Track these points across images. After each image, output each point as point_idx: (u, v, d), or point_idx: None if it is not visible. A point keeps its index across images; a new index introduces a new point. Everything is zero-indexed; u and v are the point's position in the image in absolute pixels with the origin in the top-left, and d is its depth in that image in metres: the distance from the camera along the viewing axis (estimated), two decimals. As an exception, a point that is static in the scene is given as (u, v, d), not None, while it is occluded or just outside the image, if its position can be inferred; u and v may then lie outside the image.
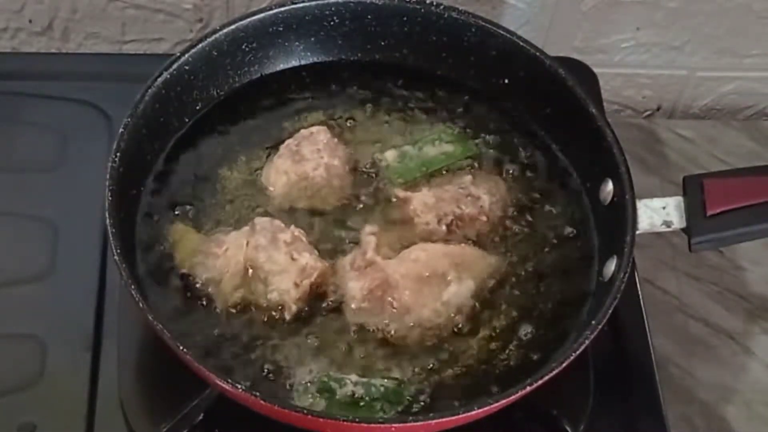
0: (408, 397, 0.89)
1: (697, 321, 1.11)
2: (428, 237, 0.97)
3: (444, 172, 1.02)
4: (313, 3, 1.06)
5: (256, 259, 0.93)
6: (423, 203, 0.98)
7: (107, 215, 0.90)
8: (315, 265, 0.93)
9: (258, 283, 0.93)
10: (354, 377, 0.90)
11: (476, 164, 1.03)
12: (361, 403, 0.89)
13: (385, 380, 0.90)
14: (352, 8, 1.07)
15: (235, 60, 1.05)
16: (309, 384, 0.89)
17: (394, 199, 1.00)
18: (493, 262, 0.97)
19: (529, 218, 1.01)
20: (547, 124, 1.05)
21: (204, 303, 0.93)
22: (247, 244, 0.94)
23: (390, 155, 1.03)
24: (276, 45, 1.07)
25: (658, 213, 0.96)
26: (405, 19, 1.07)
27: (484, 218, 0.98)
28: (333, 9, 1.06)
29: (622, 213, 0.95)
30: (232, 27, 1.04)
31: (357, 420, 0.84)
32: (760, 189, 0.95)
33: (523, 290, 0.96)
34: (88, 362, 0.96)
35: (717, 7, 1.24)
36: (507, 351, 0.93)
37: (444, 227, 0.98)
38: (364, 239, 0.96)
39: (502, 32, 1.05)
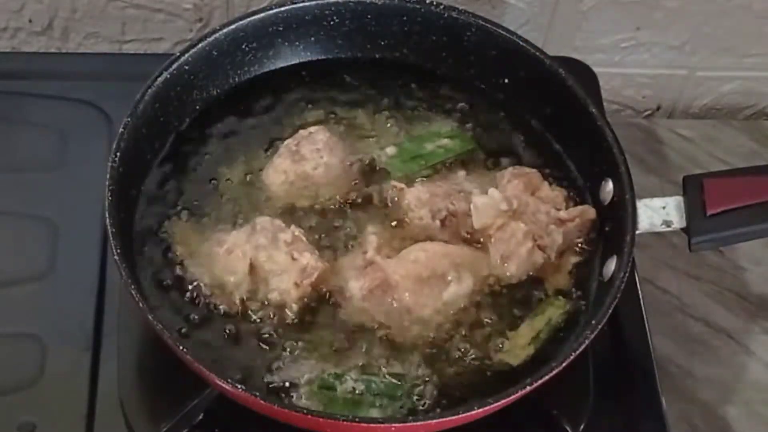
0: (408, 394, 0.89)
1: (697, 321, 1.11)
2: (424, 233, 0.97)
3: (440, 169, 1.02)
4: (313, 3, 1.06)
5: (256, 259, 0.93)
6: (417, 198, 0.98)
7: (107, 215, 0.90)
8: (315, 265, 0.93)
9: (259, 282, 0.93)
10: (354, 374, 0.90)
11: (473, 162, 1.03)
12: (362, 400, 0.89)
13: (386, 377, 0.90)
14: (352, 8, 1.07)
15: (235, 60, 1.05)
16: (309, 382, 0.89)
17: (390, 191, 1.00)
18: (492, 262, 0.96)
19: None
20: (547, 123, 1.06)
21: (204, 302, 0.93)
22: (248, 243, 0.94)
23: (389, 151, 1.03)
24: (276, 45, 1.07)
25: (658, 213, 0.96)
26: (405, 18, 1.07)
27: None
28: (333, 9, 1.06)
29: (622, 213, 0.95)
30: (232, 27, 1.04)
31: (357, 420, 0.84)
32: (760, 189, 0.95)
33: (523, 290, 0.96)
34: (88, 362, 0.97)
35: (717, 7, 1.24)
36: (507, 350, 0.93)
37: (438, 222, 0.98)
38: (366, 238, 0.96)
39: (502, 32, 1.05)
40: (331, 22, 1.07)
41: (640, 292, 1.04)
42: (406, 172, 1.02)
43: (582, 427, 0.94)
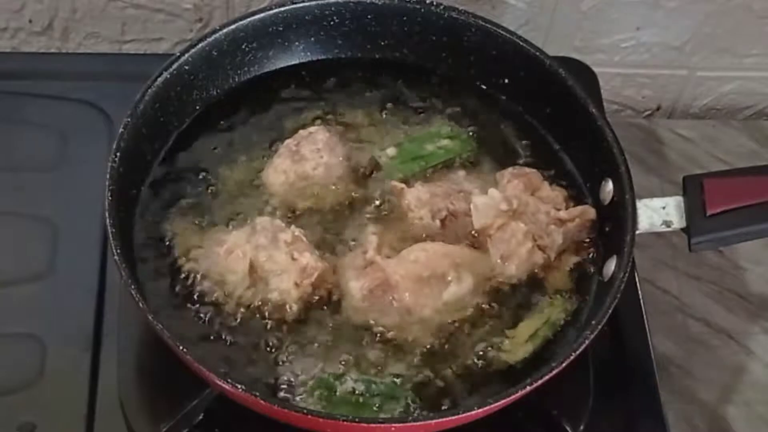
0: (408, 394, 0.89)
1: (697, 321, 1.11)
2: (424, 232, 0.97)
3: (440, 169, 1.02)
4: (313, 3, 1.06)
5: (256, 259, 0.93)
6: (417, 198, 0.98)
7: (107, 215, 0.90)
8: (316, 265, 0.93)
9: (259, 282, 0.93)
10: (354, 374, 0.90)
11: (473, 163, 1.03)
12: (361, 400, 0.89)
13: (386, 377, 0.90)
14: (352, 8, 1.07)
15: (235, 60, 1.05)
16: (309, 382, 0.89)
17: (390, 191, 1.00)
18: (492, 261, 0.96)
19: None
20: (547, 123, 1.06)
21: (204, 302, 0.93)
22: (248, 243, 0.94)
23: (389, 151, 1.03)
24: (276, 45, 1.07)
25: (658, 213, 0.96)
26: (405, 19, 1.07)
27: None
28: (333, 9, 1.07)
29: (622, 213, 0.95)
30: (232, 27, 1.04)
31: (357, 420, 0.84)
32: (760, 189, 0.95)
33: (523, 290, 0.96)
34: (88, 362, 0.97)
35: (717, 7, 1.24)
36: (506, 349, 0.93)
37: (438, 222, 0.98)
38: (366, 238, 0.96)
39: (502, 32, 1.05)
40: (331, 22, 1.07)
41: (640, 292, 1.04)
42: (406, 172, 1.02)
43: (582, 427, 0.94)
